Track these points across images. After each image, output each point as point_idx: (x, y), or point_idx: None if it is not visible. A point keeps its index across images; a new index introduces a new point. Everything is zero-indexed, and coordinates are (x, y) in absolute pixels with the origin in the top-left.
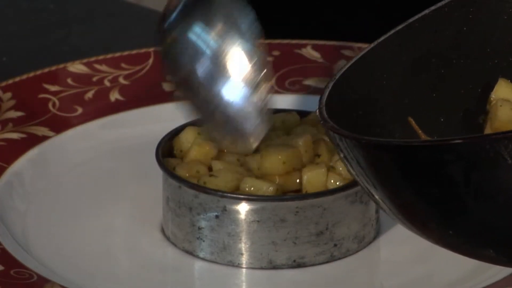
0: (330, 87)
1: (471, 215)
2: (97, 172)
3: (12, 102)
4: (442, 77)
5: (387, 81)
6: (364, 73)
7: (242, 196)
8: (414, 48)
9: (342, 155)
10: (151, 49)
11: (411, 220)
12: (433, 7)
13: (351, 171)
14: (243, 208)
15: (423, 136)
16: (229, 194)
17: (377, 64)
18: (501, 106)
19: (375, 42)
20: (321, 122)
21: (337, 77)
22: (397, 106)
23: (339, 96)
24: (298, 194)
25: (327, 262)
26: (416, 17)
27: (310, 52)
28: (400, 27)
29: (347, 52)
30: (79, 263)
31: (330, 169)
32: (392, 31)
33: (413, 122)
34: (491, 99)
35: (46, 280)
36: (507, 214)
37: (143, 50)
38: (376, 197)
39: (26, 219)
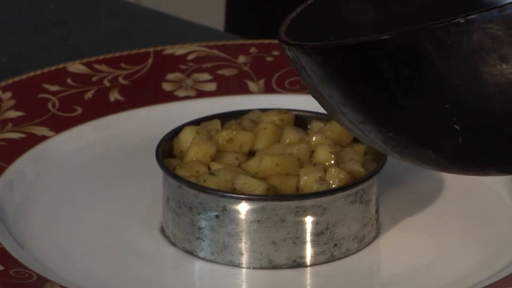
0: (298, 11)
1: (405, 113)
2: (96, 172)
3: (12, 102)
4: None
5: (362, 5)
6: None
7: (242, 196)
8: None
9: (295, 68)
10: (151, 49)
11: (356, 123)
12: None
13: (304, 82)
14: (243, 208)
15: None
16: (229, 194)
17: None
18: None
19: None
20: (278, 39)
21: (308, 2)
22: (374, 26)
23: (310, 20)
24: (298, 194)
25: (327, 262)
26: None
27: None
28: None
29: None
30: (79, 263)
31: (328, 170)
32: None
33: None
34: None
35: (45, 280)
36: (437, 109)
37: (142, 50)
38: (328, 107)
39: (26, 219)
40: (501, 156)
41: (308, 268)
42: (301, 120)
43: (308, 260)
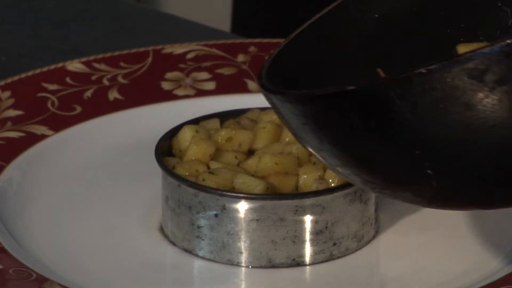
0: (281, 47)
1: (379, 160)
2: (96, 171)
3: (11, 101)
4: (407, 32)
5: (350, 40)
6: (326, 32)
7: (241, 195)
8: (378, 7)
9: (279, 116)
10: (150, 48)
11: (335, 169)
12: None
13: (291, 131)
14: (242, 207)
15: None
16: (228, 193)
17: (340, 22)
18: None
19: (334, 4)
20: (258, 84)
21: (292, 36)
22: (365, 60)
23: (296, 55)
24: (297, 193)
25: (326, 261)
26: None
27: None
28: None
29: None
30: (78, 261)
31: (327, 169)
32: None
33: (381, 73)
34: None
35: (45, 279)
36: (408, 156)
37: (142, 49)
38: (309, 149)
39: (25, 218)
40: (477, 197)
41: (307, 267)
42: None
43: (307, 259)
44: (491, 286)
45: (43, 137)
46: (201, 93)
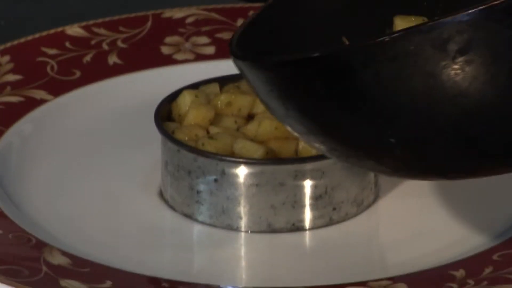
0: (254, 16)
1: (342, 128)
2: (95, 136)
3: (11, 65)
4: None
5: (325, 8)
6: (294, 5)
7: (241, 160)
8: None
9: (247, 83)
10: (149, 13)
11: (302, 136)
12: None
13: (258, 97)
14: (242, 172)
15: None
16: (228, 158)
17: None
18: None
19: None
20: (229, 49)
21: (265, 5)
22: (333, 29)
23: (266, 25)
24: (297, 158)
25: (326, 226)
26: None
27: None
28: None
29: None
30: (78, 227)
31: None
32: None
33: (346, 42)
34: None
35: (44, 244)
36: (372, 125)
37: (141, 14)
38: (276, 117)
39: (25, 183)
40: (440, 166)
41: (307, 231)
42: None
43: (307, 224)
44: (488, 252)
45: (42, 101)
46: (200, 57)
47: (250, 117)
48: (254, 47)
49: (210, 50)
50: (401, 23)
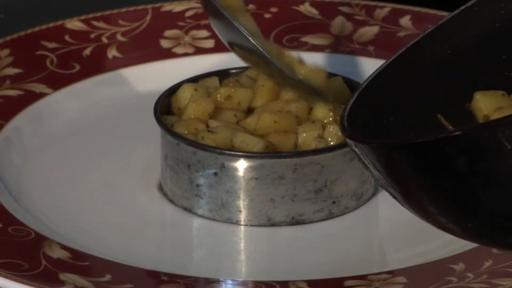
0: (355, 96)
1: (484, 205)
2: (95, 129)
3: (10, 59)
4: (474, 74)
5: (420, 83)
6: (394, 77)
7: (240, 153)
8: (445, 49)
9: (361, 162)
10: (149, 6)
11: (434, 219)
12: (463, 6)
13: (372, 175)
14: (241, 165)
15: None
16: (227, 151)
17: (407, 68)
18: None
19: (405, 47)
20: (341, 131)
21: (363, 85)
22: (428, 106)
23: (366, 105)
24: (296, 151)
25: (326, 219)
26: (446, 18)
27: (308, 8)
28: (429, 30)
29: (344, 9)
30: (77, 220)
31: (327, 127)
32: (421, 35)
33: (442, 119)
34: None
35: (44, 238)
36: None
37: (140, 7)
38: (398, 198)
39: (24, 176)
40: None
41: (307, 225)
42: None
43: (306, 217)
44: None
45: (42, 95)
46: (200, 51)
47: (249, 111)
48: (358, 130)
49: (210, 43)
50: (481, 97)
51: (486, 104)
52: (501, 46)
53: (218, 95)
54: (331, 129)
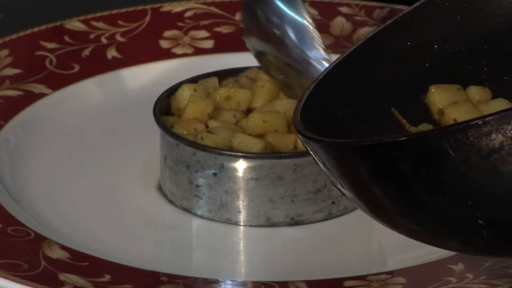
0: (311, 89)
1: (427, 210)
2: (94, 130)
3: (9, 59)
4: (431, 67)
5: (375, 76)
6: (350, 71)
7: (239, 154)
8: (402, 42)
9: (312, 157)
10: (148, 6)
11: (379, 216)
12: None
13: (324, 172)
14: (240, 166)
15: (408, 126)
16: (226, 152)
17: (363, 61)
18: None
19: (362, 40)
20: (294, 125)
21: (319, 78)
22: (385, 99)
23: (321, 97)
24: (295, 151)
25: (325, 219)
26: (406, 11)
27: (307, 9)
28: (388, 22)
29: (344, 9)
30: (77, 221)
31: None
32: (380, 28)
33: (396, 113)
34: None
35: (43, 238)
36: (460, 207)
37: (140, 7)
38: (346, 195)
39: (23, 176)
40: None
41: (306, 225)
42: None
43: (306, 217)
44: None
45: (41, 95)
46: (199, 51)
47: (249, 111)
48: (313, 123)
49: (209, 44)
50: (436, 91)
51: (441, 98)
52: (461, 40)
53: (217, 96)
54: None
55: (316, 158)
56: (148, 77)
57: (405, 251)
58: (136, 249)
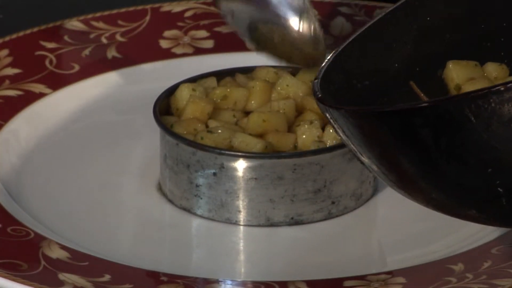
0: (330, 60)
1: (447, 177)
2: (94, 130)
3: (9, 59)
4: (450, 43)
5: (395, 49)
6: (370, 43)
7: (239, 154)
8: (423, 17)
9: (331, 125)
10: (148, 6)
11: (397, 184)
12: None
13: (341, 138)
14: (240, 166)
15: (425, 100)
16: (226, 152)
17: (384, 35)
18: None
19: (383, 13)
20: (313, 95)
21: (339, 50)
22: (402, 72)
23: (342, 68)
24: (295, 151)
25: (325, 219)
26: None
27: None
28: None
29: (344, 9)
30: (76, 220)
31: (326, 129)
32: (399, 3)
33: (414, 86)
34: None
35: (42, 238)
36: (480, 174)
37: (140, 7)
38: (366, 164)
39: (23, 176)
40: None
41: (306, 225)
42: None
43: (305, 217)
44: (487, 246)
45: (41, 95)
46: (199, 51)
47: (246, 113)
48: (332, 93)
49: (209, 43)
50: (454, 67)
51: (459, 74)
52: (480, 17)
53: (214, 96)
54: (331, 131)
55: (335, 126)
56: (148, 77)
57: (405, 251)
58: (136, 249)
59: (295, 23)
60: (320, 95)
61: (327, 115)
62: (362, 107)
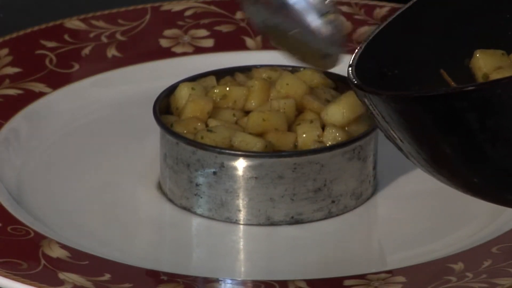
0: (362, 48)
1: (491, 161)
2: (93, 129)
3: (9, 58)
4: (476, 31)
5: (423, 38)
6: (399, 32)
7: (239, 153)
8: (450, 6)
9: (369, 112)
10: (148, 5)
11: (437, 170)
12: None
13: (379, 126)
14: (240, 165)
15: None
16: (226, 151)
17: (413, 22)
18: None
19: (409, 3)
20: (349, 81)
21: (370, 38)
22: (430, 61)
23: (372, 57)
24: (295, 150)
25: (325, 218)
26: None
27: None
28: None
29: (344, 8)
30: (76, 220)
31: (326, 129)
32: None
33: (445, 74)
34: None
35: (43, 237)
36: None
37: (140, 6)
38: (405, 150)
39: (23, 175)
40: None
41: (306, 224)
42: None
43: (305, 216)
44: (487, 245)
45: (41, 94)
46: (199, 50)
47: (246, 113)
48: (364, 80)
49: (209, 42)
50: (481, 56)
51: (486, 63)
52: (507, 6)
53: (214, 95)
54: (331, 131)
55: (374, 113)
56: (148, 76)
57: (405, 250)
58: (136, 248)
59: (313, 23)
60: (356, 82)
61: (366, 101)
62: (403, 92)
